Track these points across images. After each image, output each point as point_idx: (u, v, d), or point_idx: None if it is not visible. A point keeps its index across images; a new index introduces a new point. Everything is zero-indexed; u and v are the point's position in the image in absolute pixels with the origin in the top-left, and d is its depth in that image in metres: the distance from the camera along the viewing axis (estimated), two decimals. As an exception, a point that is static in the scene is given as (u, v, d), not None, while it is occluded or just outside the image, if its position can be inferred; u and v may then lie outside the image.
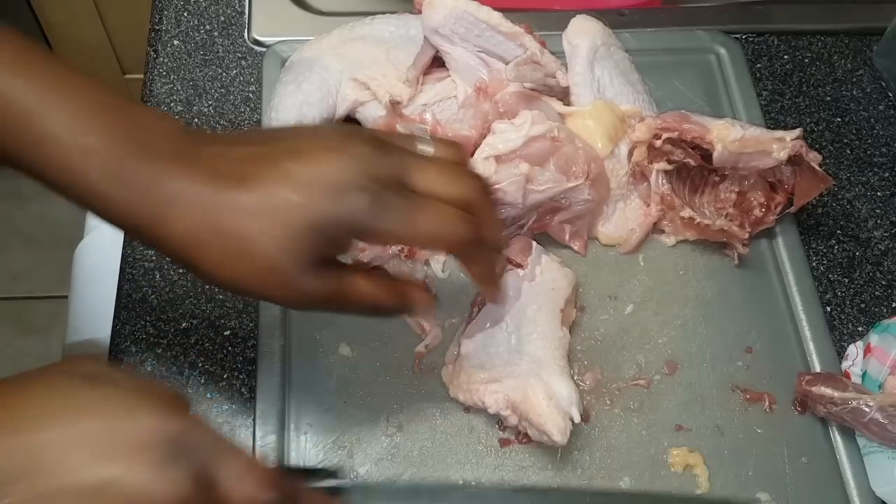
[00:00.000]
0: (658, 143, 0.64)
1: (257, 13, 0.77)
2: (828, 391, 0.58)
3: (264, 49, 0.74)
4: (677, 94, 0.75)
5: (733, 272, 0.67)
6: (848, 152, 0.75)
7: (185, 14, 0.77)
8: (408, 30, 0.69)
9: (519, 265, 0.61)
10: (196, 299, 0.63)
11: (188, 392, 0.59)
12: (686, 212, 0.64)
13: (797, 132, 0.63)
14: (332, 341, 0.61)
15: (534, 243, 0.62)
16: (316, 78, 0.66)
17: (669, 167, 0.65)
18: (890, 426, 0.56)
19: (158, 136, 0.44)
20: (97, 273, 0.80)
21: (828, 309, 0.67)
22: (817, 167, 0.63)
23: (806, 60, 0.80)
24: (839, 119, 0.77)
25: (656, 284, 0.66)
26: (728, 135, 0.62)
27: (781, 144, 0.62)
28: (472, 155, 0.60)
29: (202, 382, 0.60)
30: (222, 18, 0.77)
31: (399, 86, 0.66)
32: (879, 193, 0.73)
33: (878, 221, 0.72)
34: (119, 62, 1.55)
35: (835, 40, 0.82)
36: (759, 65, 0.79)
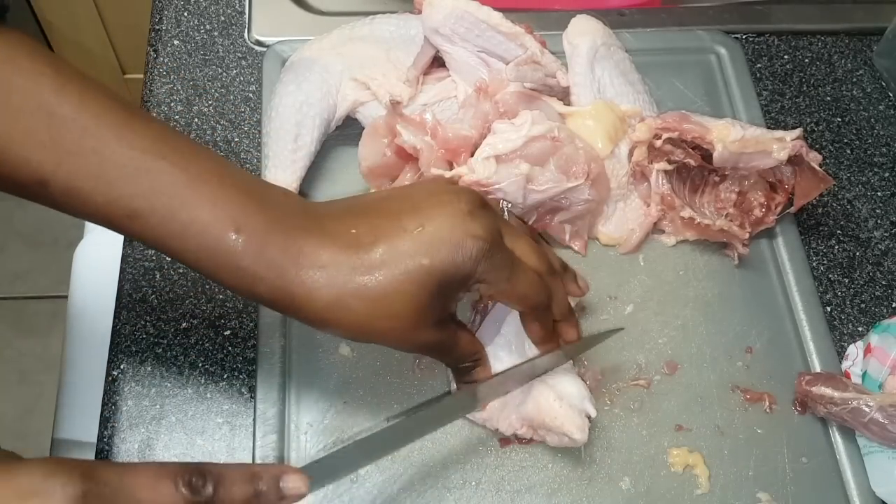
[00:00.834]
0: (658, 143, 0.64)
1: (257, 13, 0.77)
2: (828, 391, 0.58)
3: (264, 49, 0.74)
4: (677, 94, 0.75)
5: (733, 272, 0.67)
6: (848, 152, 0.75)
7: (185, 14, 0.77)
8: (408, 30, 0.69)
9: None
10: (196, 299, 0.63)
11: (188, 391, 0.59)
12: (686, 212, 0.64)
13: (797, 132, 0.63)
14: (332, 341, 0.61)
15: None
16: (316, 78, 0.66)
17: (669, 167, 0.65)
18: (890, 426, 0.56)
19: (286, 212, 0.47)
20: (97, 273, 0.80)
21: (828, 309, 0.67)
22: (817, 167, 0.63)
23: (806, 60, 0.80)
24: (839, 119, 0.77)
25: (656, 284, 0.66)
26: (728, 135, 0.62)
27: (781, 144, 0.62)
28: (472, 155, 0.60)
29: (202, 382, 0.60)
30: (222, 18, 0.77)
31: (399, 86, 0.66)
32: (879, 193, 0.73)
33: (878, 221, 0.72)
34: (119, 62, 1.55)
35: (835, 40, 0.82)
36: (759, 65, 0.79)
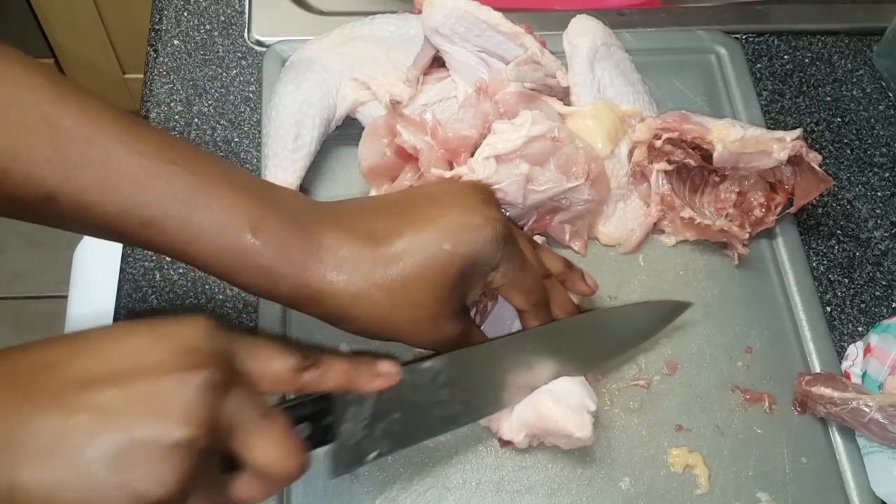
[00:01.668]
0: (658, 144, 0.64)
1: (257, 13, 0.77)
2: (828, 391, 0.58)
3: (264, 49, 0.74)
4: (677, 94, 0.75)
5: (733, 272, 0.67)
6: (848, 152, 0.75)
7: (185, 14, 0.77)
8: (408, 30, 0.69)
9: None
10: (196, 299, 0.63)
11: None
12: (686, 212, 0.64)
13: (797, 132, 0.63)
14: (332, 340, 0.61)
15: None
16: (316, 78, 0.66)
17: (669, 167, 0.65)
18: (890, 426, 0.56)
19: (299, 211, 0.47)
20: (97, 273, 0.80)
21: (828, 309, 0.67)
22: (817, 167, 0.63)
23: (806, 60, 0.80)
24: (839, 119, 0.77)
25: (656, 284, 0.66)
26: (728, 135, 0.62)
27: (781, 144, 0.62)
28: (472, 155, 0.60)
29: (202, 382, 0.60)
30: (222, 18, 0.77)
31: (399, 86, 0.66)
32: (879, 193, 0.73)
33: (878, 221, 0.72)
34: (119, 62, 1.55)
35: (835, 40, 0.82)
36: (759, 65, 0.79)
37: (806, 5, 0.83)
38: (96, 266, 0.81)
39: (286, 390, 0.44)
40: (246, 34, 0.76)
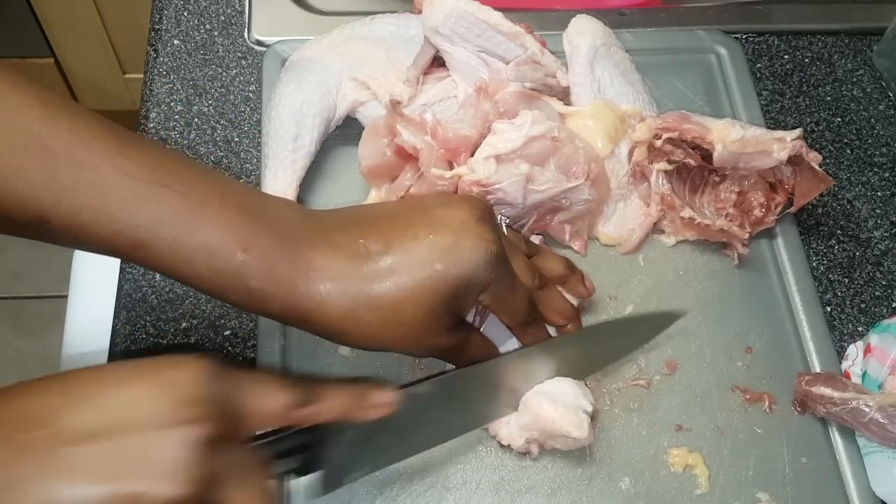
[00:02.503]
0: (658, 143, 0.64)
1: (257, 13, 0.77)
2: (828, 391, 0.58)
3: (264, 49, 0.74)
4: (677, 94, 0.75)
5: (733, 272, 0.67)
6: (848, 152, 0.75)
7: (185, 14, 0.77)
8: (408, 29, 0.69)
9: None
10: (196, 299, 0.63)
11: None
12: (686, 212, 0.64)
13: (797, 132, 0.63)
14: (333, 344, 0.61)
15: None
16: (316, 78, 0.66)
17: (669, 167, 0.65)
18: (890, 426, 0.56)
19: (291, 227, 0.47)
20: (97, 273, 0.80)
21: (828, 309, 0.67)
22: (817, 167, 0.63)
23: (806, 60, 0.80)
24: (839, 119, 0.77)
25: (656, 284, 0.66)
26: (728, 135, 0.62)
27: (781, 144, 0.62)
28: (472, 155, 0.60)
29: (202, 382, 0.60)
30: (222, 18, 0.77)
31: (399, 86, 0.66)
32: (879, 193, 0.73)
33: (878, 221, 0.72)
34: (119, 62, 1.55)
35: (835, 40, 0.82)
36: (759, 65, 0.79)
37: (806, 5, 0.83)
38: (96, 266, 0.81)
39: (283, 424, 0.44)
40: (246, 34, 0.76)
